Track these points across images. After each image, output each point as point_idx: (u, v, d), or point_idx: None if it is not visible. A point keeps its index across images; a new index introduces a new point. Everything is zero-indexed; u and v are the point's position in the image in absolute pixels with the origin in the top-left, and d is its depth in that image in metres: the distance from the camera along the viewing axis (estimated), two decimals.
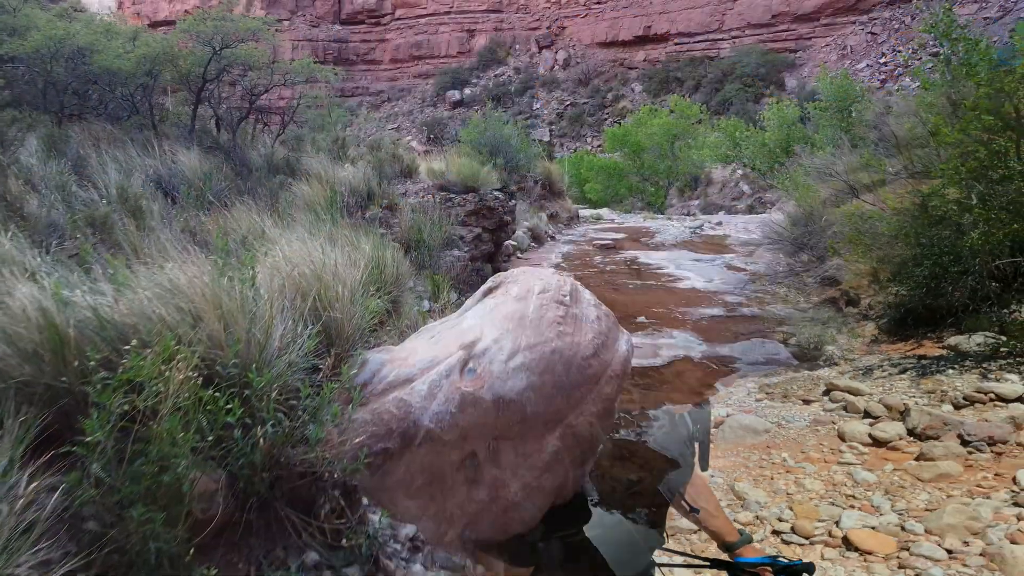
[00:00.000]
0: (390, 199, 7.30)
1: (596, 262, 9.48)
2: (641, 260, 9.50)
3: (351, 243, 5.15)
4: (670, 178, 23.82)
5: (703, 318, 6.97)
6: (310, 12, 73.64)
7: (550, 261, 9.53)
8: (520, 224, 10.46)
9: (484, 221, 7.78)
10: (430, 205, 7.33)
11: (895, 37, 43.99)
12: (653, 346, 6.16)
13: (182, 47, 6.70)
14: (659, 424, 2.29)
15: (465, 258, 7.06)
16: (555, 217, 11.79)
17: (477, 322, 3.90)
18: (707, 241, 10.94)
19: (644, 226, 12.41)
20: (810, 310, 7.12)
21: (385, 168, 7.95)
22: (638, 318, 6.95)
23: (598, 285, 8.26)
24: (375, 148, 8.20)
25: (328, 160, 7.22)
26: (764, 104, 46.83)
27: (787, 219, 8.96)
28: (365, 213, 6.90)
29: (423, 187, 7.85)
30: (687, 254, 9.81)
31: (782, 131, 16.92)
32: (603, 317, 3.82)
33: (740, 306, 7.32)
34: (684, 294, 7.83)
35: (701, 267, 8.99)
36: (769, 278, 8.25)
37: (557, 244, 10.74)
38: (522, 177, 11.42)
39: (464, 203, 7.64)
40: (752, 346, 6.16)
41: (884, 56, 42.31)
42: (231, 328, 2.09)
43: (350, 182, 6.93)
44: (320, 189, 6.22)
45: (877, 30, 45.67)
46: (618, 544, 1.70)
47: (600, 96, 56.62)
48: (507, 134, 11.31)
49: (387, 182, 7.80)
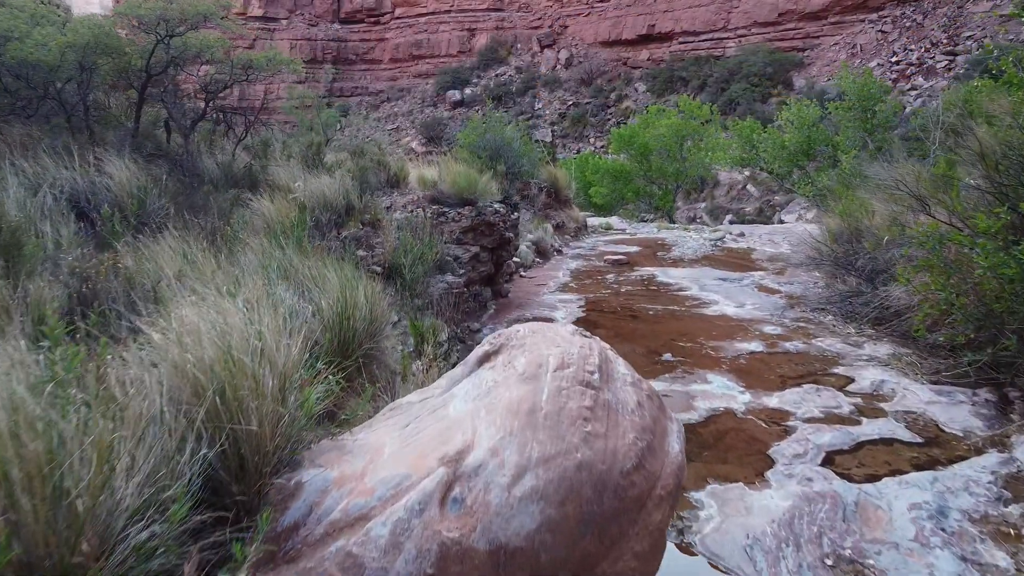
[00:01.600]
0: (372, 214, 6.25)
1: (609, 281, 8.43)
2: (660, 279, 8.44)
3: (312, 280, 4.11)
4: (679, 181, 22.78)
5: (740, 355, 5.91)
6: (309, 11, 72.69)
7: (557, 280, 8.48)
8: (523, 237, 9.42)
9: (482, 239, 6.73)
10: (420, 221, 6.29)
11: (906, 35, 42.91)
12: (686, 395, 5.11)
13: (132, 37, 5.67)
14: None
15: (460, 284, 6.01)
16: (562, 228, 10.75)
17: (468, 412, 2.79)
18: (730, 256, 9.89)
19: (659, 238, 11.37)
20: (866, 344, 6.07)
21: (369, 177, 6.91)
22: (663, 355, 5.89)
23: (613, 311, 7.21)
24: (358, 154, 7.17)
25: (300, 169, 6.18)
26: (771, 104, 45.84)
27: (826, 234, 7.91)
28: (341, 232, 5.85)
29: (412, 199, 6.80)
30: (710, 272, 8.75)
31: (802, 132, 15.86)
32: (646, 402, 2.71)
33: (781, 339, 6.26)
34: (714, 322, 6.78)
35: (729, 288, 7.94)
36: (809, 303, 7.19)
37: (564, 259, 9.69)
38: (525, 184, 10.38)
39: (459, 218, 6.59)
40: (805, 395, 5.10)
41: (896, 55, 41.23)
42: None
43: (325, 195, 5.88)
44: (285, 205, 5.17)
45: (888, 28, 44.58)
46: None
47: (603, 96, 55.58)
48: (508, 137, 10.28)
49: (370, 194, 6.76)
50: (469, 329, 6.49)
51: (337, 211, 5.93)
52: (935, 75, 37.97)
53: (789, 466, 4.10)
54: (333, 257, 5.22)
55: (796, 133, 15.88)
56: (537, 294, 7.82)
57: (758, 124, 18.56)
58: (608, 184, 22.53)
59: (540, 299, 7.60)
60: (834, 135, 16.22)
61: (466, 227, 6.58)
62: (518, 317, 6.95)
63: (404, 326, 5.52)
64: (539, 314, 7.09)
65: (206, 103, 5.83)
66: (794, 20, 51.47)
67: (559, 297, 7.69)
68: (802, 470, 4.03)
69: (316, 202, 5.82)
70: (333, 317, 3.77)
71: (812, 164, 16.04)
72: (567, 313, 7.10)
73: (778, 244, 10.39)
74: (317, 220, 5.51)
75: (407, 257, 5.72)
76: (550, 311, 7.21)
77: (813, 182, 14.76)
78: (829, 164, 16.10)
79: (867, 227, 7.07)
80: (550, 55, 63.38)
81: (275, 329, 2.41)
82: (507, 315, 7.05)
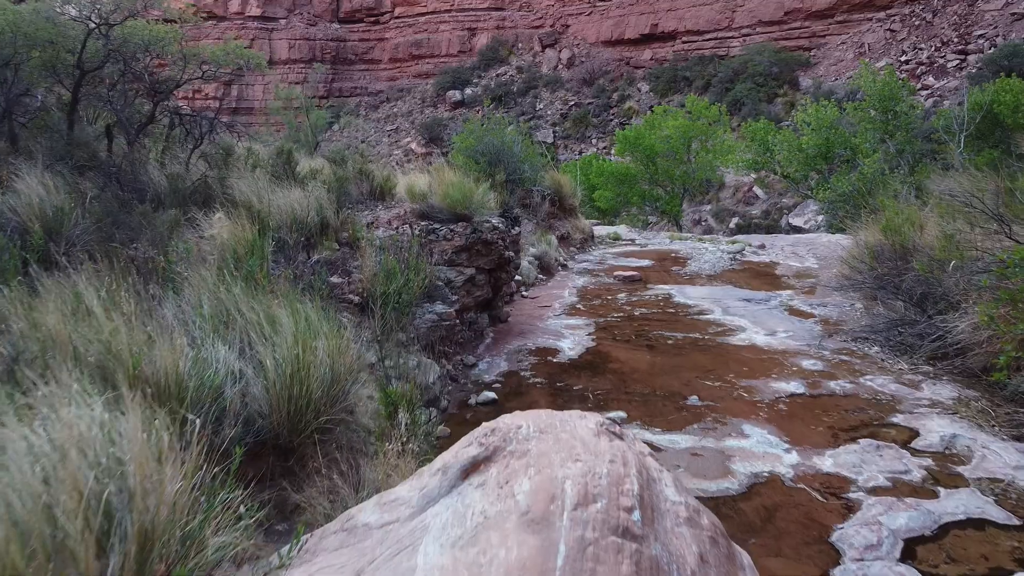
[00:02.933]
0: (351, 233, 5.41)
1: (620, 302, 7.58)
2: (677, 299, 7.59)
3: (261, 326, 3.27)
4: (686, 184, 21.92)
5: (779, 398, 5.06)
6: (307, 10, 71.91)
7: (563, 301, 7.63)
8: (525, 252, 8.58)
9: (478, 259, 5.89)
10: (406, 240, 5.45)
11: (916, 34, 42.02)
12: (719, 454, 4.26)
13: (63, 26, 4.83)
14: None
15: (451, 314, 5.17)
16: (567, 239, 9.91)
17: (443, 572, 1.84)
18: (752, 272, 9.04)
19: (672, 250, 10.51)
20: (924, 385, 5.22)
21: (349, 189, 6.07)
22: (688, 398, 5.05)
23: (626, 339, 6.37)
24: (337, 161, 6.33)
25: (267, 181, 5.34)
26: (778, 104, 44.94)
27: (863, 250, 7.06)
28: (312, 255, 5.01)
29: (399, 214, 5.97)
30: (732, 291, 7.90)
31: (820, 135, 14.99)
32: (710, 553, 1.80)
33: (824, 377, 5.41)
34: (743, 355, 5.93)
35: (755, 311, 7.09)
36: (850, 331, 6.34)
37: (570, 275, 8.84)
38: (527, 192, 9.54)
39: (452, 236, 5.75)
40: (864, 454, 4.25)
41: (905, 54, 40.34)
42: None
43: (293, 211, 5.05)
44: (243, 226, 4.33)
45: (896, 27, 43.70)
46: None
47: (605, 96, 54.75)
48: (509, 140, 9.44)
49: (350, 208, 5.92)
50: (463, 364, 5.65)
51: (308, 230, 5.09)
52: (946, 75, 37.09)
53: (861, 562, 3.25)
54: (298, 289, 4.38)
55: (814, 135, 15.02)
56: (541, 318, 6.98)
57: (772, 126, 17.70)
58: (613, 188, 21.68)
59: (544, 324, 6.75)
60: (851, 137, 15.37)
61: (460, 246, 5.74)
62: (519, 348, 6.11)
63: (383, 369, 4.69)
64: (543, 343, 6.25)
65: (154, 104, 4.99)
66: (800, 19, 50.60)
67: (565, 322, 6.84)
68: (880, 571, 3.18)
69: (283, 220, 4.99)
70: (281, 381, 2.94)
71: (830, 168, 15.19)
72: (575, 342, 6.26)
73: (803, 258, 9.53)
74: (282, 242, 4.67)
75: (390, 284, 4.88)
76: (555, 339, 6.36)
77: (833, 187, 13.90)
78: (848, 168, 15.25)
79: (917, 245, 6.22)
80: (552, 55, 62.54)
81: (151, 450, 1.56)
82: (506, 344, 6.21)
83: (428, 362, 4.95)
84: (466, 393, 5.21)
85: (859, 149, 15.15)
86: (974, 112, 14.45)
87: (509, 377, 5.52)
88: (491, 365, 5.72)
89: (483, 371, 5.60)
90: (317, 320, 3.71)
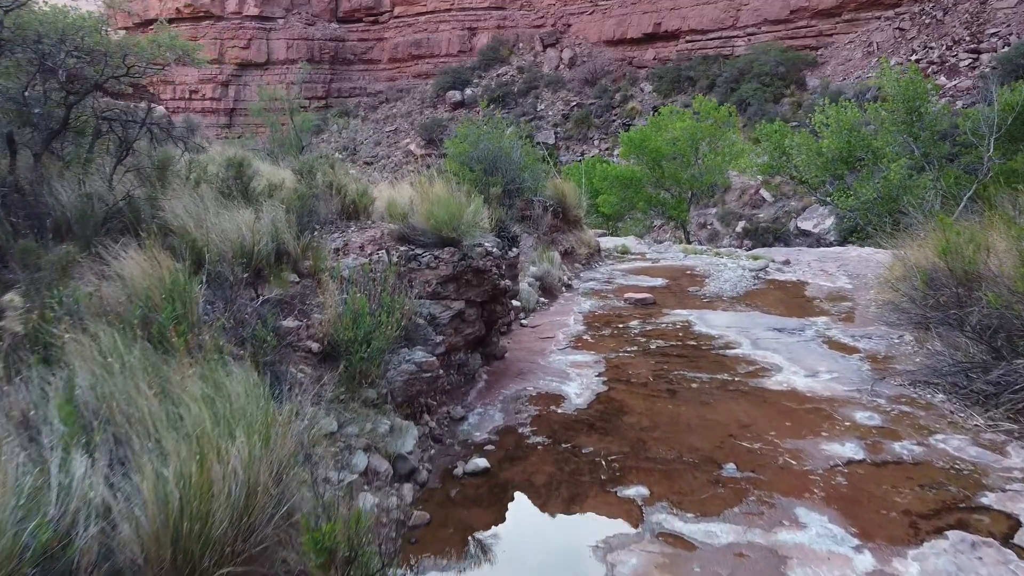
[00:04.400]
0: (314, 263, 4.50)
1: (633, 332, 6.65)
2: (698, 328, 6.67)
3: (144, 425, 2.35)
4: (693, 188, 21.00)
5: (834, 466, 4.13)
6: (305, 10, 71.06)
7: (568, 330, 6.69)
8: (525, 271, 7.66)
9: (468, 290, 4.98)
10: (381, 270, 4.53)
11: (926, 33, 41.06)
12: (771, 555, 3.34)
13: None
14: None
15: (433, 363, 4.25)
16: (571, 255, 8.97)
17: None
18: (778, 292, 8.10)
19: (686, 265, 9.55)
20: (1010, 448, 4.29)
21: (316, 207, 5.15)
22: (724, 466, 4.13)
23: (643, 381, 5.44)
24: (304, 173, 5.41)
25: (214, 200, 4.43)
26: (784, 104, 43.92)
27: (914, 274, 6.12)
28: (262, 292, 4.10)
29: (375, 236, 5.05)
30: (760, 318, 6.97)
31: (841, 137, 14.03)
32: None
33: (886, 435, 4.49)
34: (783, 404, 5.00)
35: (790, 344, 6.16)
36: (905, 373, 5.41)
37: (575, 296, 7.91)
38: (527, 203, 8.61)
39: (437, 264, 4.84)
40: (958, 556, 3.32)
41: (915, 53, 39.37)
42: None
43: (241, 239, 4.13)
44: (163, 262, 3.42)
45: (906, 25, 42.74)
46: None
47: (608, 96, 53.81)
48: (507, 146, 8.52)
49: (318, 231, 5.00)
50: (449, 417, 4.73)
51: (259, 261, 4.17)
52: (958, 74, 36.12)
53: None
54: (232, 343, 3.48)
55: (834, 138, 14.05)
56: (543, 353, 6.05)
57: (787, 127, 16.74)
58: (617, 192, 20.74)
59: (547, 362, 5.83)
60: (873, 139, 14.41)
61: (446, 276, 4.82)
62: (516, 394, 5.18)
63: (346, 438, 3.77)
64: (545, 387, 5.32)
65: (67, 108, 4.08)
66: (806, 17, 49.65)
67: (571, 358, 5.92)
68: None
69: (228, 249, 4.07)
70: (165, 514, 2.02)
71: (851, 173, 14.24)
72: (583, 386, 5.33)
73: (833, 276, 8.60)
74: (222, 279, 3.75)
75: (357, 328, 3.96)
76: (560, 382, 5.44)
77: (856, 194, 12.95)
78: (868, 173, 14.30)
79: (985, 271, 5.29)
80: (553, 55, 61.62)
81: None
82: (502, 388, 5.28)
83: (404, 424, 4.03)
84: (452, 458, 4.29)
85: (881, 153, 14.20)
86: (1005, 113, 13.49)
87: (505, 434, 4.60)
88: (483, 418, 4.80)
89: (473, 426, 4.68)
90: (246, 396, 2.80)
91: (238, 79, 69.13)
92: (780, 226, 35.49)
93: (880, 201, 12.76)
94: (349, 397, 3.92)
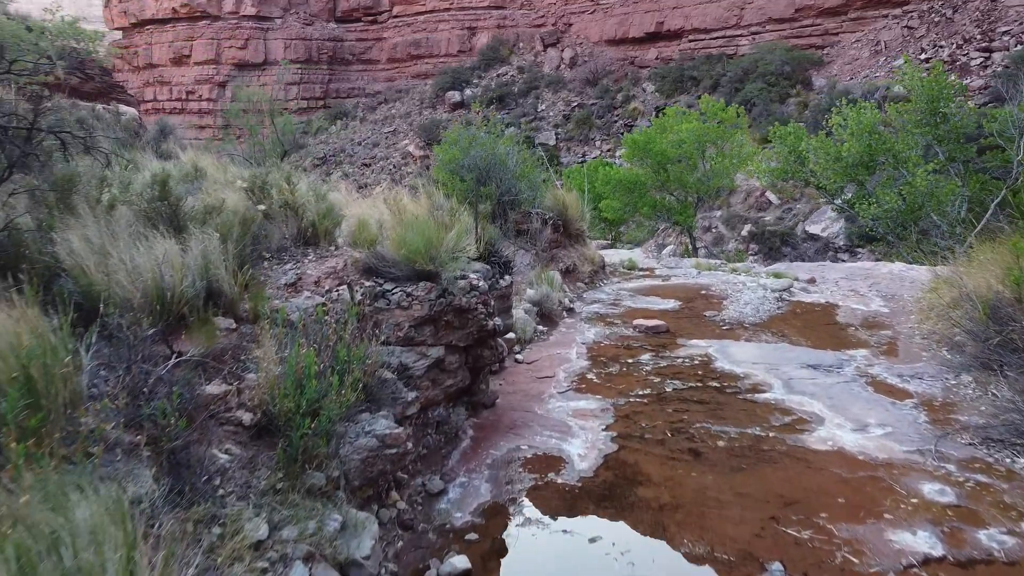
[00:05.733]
0: (254, 304, 3.63)
1: (645, 369, 5.77)
2: (720, 365, 5.79)
3: None
4: (700, 192, 20.12)
5: (909, 567, 3.26)
6: (303, 9, 70.23)
7: (569, 367, 5.82)
8: (522, 296, 6.78)
9: (449, 334, 4.11)
10: (340, 312, 3.67)
11: (935, 31, 40.14)
12: None
13: None
14: None
15: (400, 436, 3.38)
16: (572, 272, 8.09)
17: None
18: (806, 317, 7.21)
19: (700, 284, 8.63)
20: None
21: (269, 231, 4.29)
22: (769, 567, 3.25)
23: (659, 438, 4.56)
24: (256, 188, 4.54)
25: (129, 228, 3.56)
26: (790, 105, 42.97)
27: (975, 305, 5.25)
28: (178, 348, 3.23)
29: (335, 268, 4.18)
30: (790, 351, 6.09)
31: (862, 141, 13.12)
32: None
33: (965, 520, 3.61)
34: (831, 470, 4.12)
35: (829, 387, 5.27)
36: (973, 428, 4.53)
37: (577, 323, 7.03)
38: (524, 216, 7.72)
39: (410, 303, 3.98)
40: None
41: (924, 52, 38.44)
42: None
43: (158, 278, 3.26)
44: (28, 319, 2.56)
45: (914, 24, 41.81)
46: None
47: (609, 97, 52.91)
48: (502, 153, 7.63)
49: (267, 262, 4.14)
50: (424, 491, 3.86)
51: (181, 306, 3.30)
52: (970, 73, 35.18)
53: None
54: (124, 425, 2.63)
55: (855, 142, 13.14)
56: (540, 397, 5.18)
57: (803, 129, 15.82)
58: (621, 197, 19.85)
59: (544, 410, 4.95)
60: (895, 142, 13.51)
61: (421, 318, 3.96)
62: (508, 455, 4.31)
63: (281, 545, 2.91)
64: (543, 445, 4.45)
65: None
66: (812, 16, 48.72)
67: (573, 404, 5.04)
68: None
69: (139, 293, 3.20)
70: None
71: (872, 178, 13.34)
72: (588, 444, 4.46)
73: (866, 297, 7.71)
74: (123, 334, 2.89)
75: (301, 395, 3.10)
76: (560, 437, 4.56)
77: (878, 201, 12.06)
78: (890, 179, 13.40)
79: None
80: (554, 54, 60.74)
81: None
82: (491, 448, 4.41)
83: (360, 517, 3.16)
84: (424, 552, 3.41)
85: (903, 157, 13.30)
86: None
87: (492, 516, 3.72)
88: (467, 491, 3.93)
89: (454, 504, 3.80)
90: (104, 525, 1.95)
91: (235, 80, 68.24)
92: (787, 230, 34.55)
93: (904, 209, 11.89)
94: (289, 486, 3.05)
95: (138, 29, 72.10)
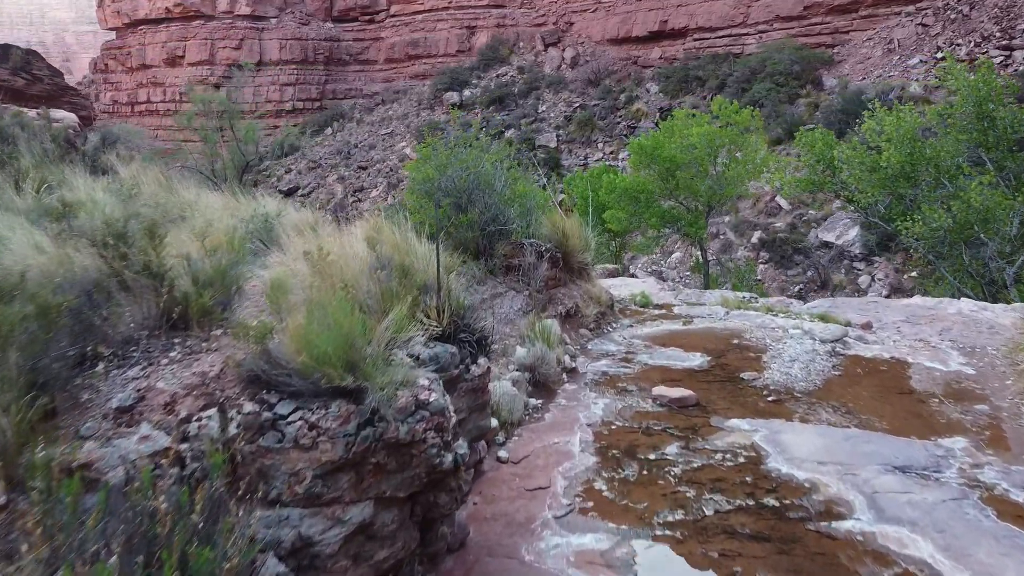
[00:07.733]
0: (45, 459, 2.13)
1: (673, 473, 4.26)
2: (773, 466, 4.28)
3: None
4: (712, 201, 18.60)
5: None
6: (299, 9, 68.87)
7: (570, 467, 4.31)
8: (511, 356, 5.30)
9: (381, 481, 2.64)
10: (200, 456, 2.17)
11: (951, 29, 38.57)
12: None
13: None
14: None
15: None
16: (574, 317, 6.60)
17: None
18: (872, 380, 5.71)
19: (730, 329, 7.10)
20: None
21: (113, 313, 2.82)
22: None
23: None
24: (109, 241, 3.05)
25: None
26: (800, 105, 41.37)
27: None
28: None
29: (206, 375, 2.69)
30: (865, 440, 4.58)
31: (903, 149, 11.60)
32: None
33: None
34: None
35: (933, 508, 3.78)
36: None
37: (580, 390, 5.54)
38: (516, 248, 6.22)
39: (315, 438, 2.48)
40: None
41: (940, 50, 36.87)
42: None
43: None
44: None
45: (929, 21, 40.25)
46: None
47: (612, 97, 51.39)
48: (486, 173, 6.12)
49: (98, 365, 2.66)
50: None
51: None
52: None
53: None
54: None
55: (895, 150, 11.61)
56: (528, 526, 3.69)
57: (831, 135, 14.30)
58: (627, 207, 18.33)
59: (534, 553, 3.45)
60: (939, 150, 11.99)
61: (335, 462, 2.48)
62: None
63: None
64: None
65: None
66: (821, 14, 47.19)
67: (575, 541, 3.55)
68: None
69: None
70: None
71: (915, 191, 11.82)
72: None
73: (939, 350, 6.22)
74: None
75: None
76: None
77: (926, 219, 10.53)
78: (930, 191, 11.88)
79: None
80: (555, 54, 59.21)
81: None
82: None
83: None
84: None
85: (945, 167, 11.78)
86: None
87: None
88: None
89: None
90: None
91: (230, 81, 66.80)
92: (799, 237, 33.08)
93: (953, 228, 10.43)
94: None
95: (131, 29, 70.80)
